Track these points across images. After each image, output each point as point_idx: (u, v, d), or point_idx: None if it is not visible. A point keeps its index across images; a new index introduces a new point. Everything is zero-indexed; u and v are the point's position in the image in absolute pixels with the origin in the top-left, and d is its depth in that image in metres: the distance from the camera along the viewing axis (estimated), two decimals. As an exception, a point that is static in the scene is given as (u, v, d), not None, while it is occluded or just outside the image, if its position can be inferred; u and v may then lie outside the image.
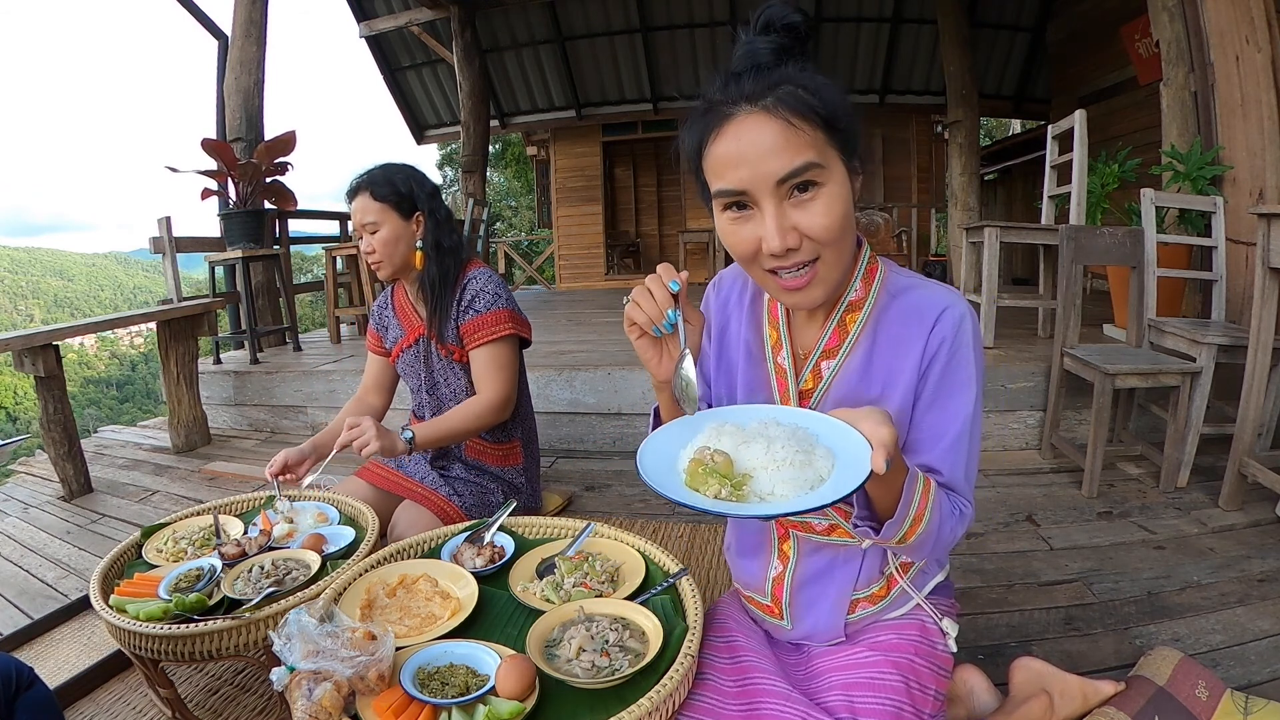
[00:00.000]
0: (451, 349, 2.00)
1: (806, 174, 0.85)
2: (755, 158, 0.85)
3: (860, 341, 1.02)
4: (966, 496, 1.00)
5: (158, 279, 46.97)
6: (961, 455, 0.98)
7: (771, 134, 0.84)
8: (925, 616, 1.13)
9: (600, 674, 1.01)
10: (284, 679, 0.96)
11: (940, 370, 0.97)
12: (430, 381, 2.07)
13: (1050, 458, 2.84)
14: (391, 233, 1.93)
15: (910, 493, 0.88)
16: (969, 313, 0.98)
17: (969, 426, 0.97)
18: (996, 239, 3.39)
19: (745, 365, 1.10)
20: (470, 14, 7.49)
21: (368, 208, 1.92)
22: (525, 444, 2.13)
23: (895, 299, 1.01)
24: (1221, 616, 1.69)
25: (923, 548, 0.94)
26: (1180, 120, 3.50)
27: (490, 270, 2.04)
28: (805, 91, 0.85)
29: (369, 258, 1.97)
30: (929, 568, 1.17)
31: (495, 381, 1.93)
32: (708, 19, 8.67)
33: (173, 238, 4.06)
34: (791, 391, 1.05)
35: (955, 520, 0.96)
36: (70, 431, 2.91)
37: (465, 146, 7.64)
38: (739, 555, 1.24)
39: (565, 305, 6.85)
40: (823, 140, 0.86)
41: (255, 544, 1.48)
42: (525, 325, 2.03)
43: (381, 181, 1.93)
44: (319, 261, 16.10)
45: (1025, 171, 7.31)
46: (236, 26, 5.00)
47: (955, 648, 1.12)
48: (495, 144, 15.75)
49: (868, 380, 1.01)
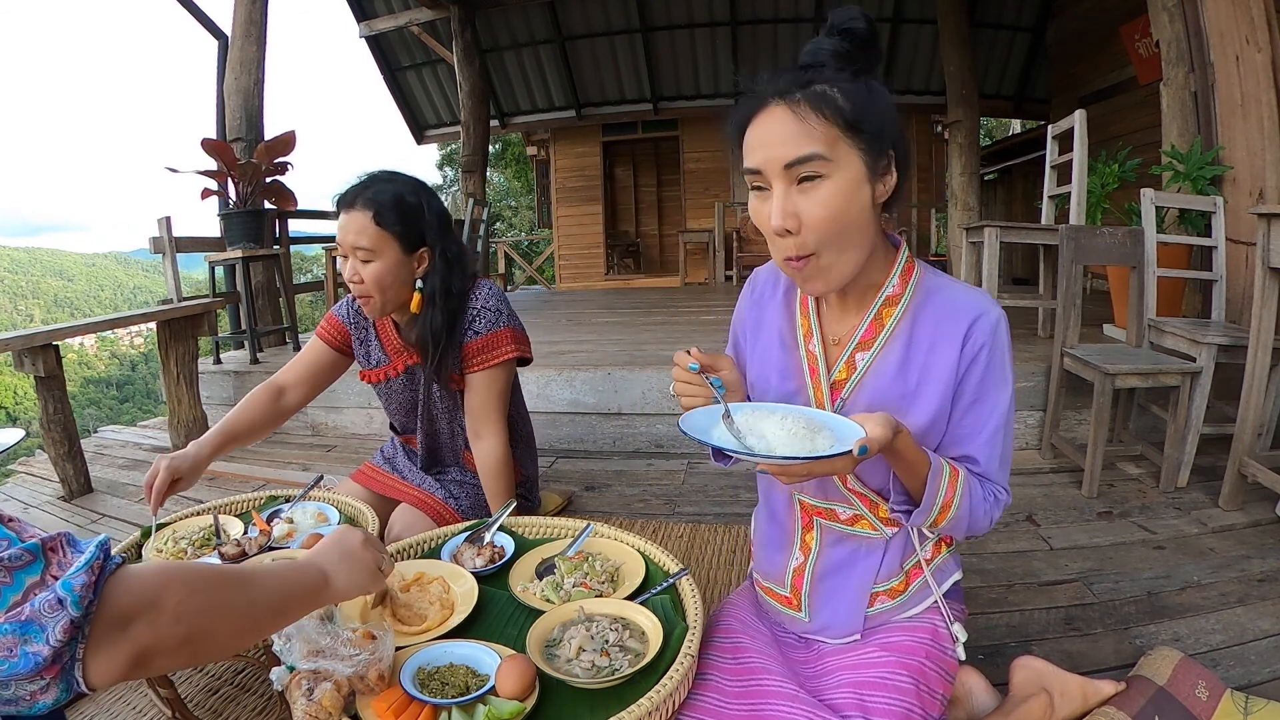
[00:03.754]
0: (451, 376, 1.81)
1: (810, 164, 0.92)
2: (771, 143, 0.94)
3: (897, 335, 1.06)
4: (1002, 483, 1.07)
5: (158, 279, 46.99)
6: (997, 447, 1.06)
7: (787, 124, 0.92)
8: (937, 620, 1.15)
9: (600, 674, 1.01)
10: (284, 678, 0.96)
11: (981, 373, 1.03)
12: (425, 408, 1.91)
13: (1050, 458, 2.84)
14: (387, 267, 1.64)
15: (936, 483, 0.98)
16: (1002, 316, 1.04)
17: (1005, 421, 1.05)
18: (996, 239, 3.39)
19: (779, 352, 1.16)
20: (470, 14, 7.50)
21: (364, 230, 1.61)
22: (522, 451, 2.05)
23: (931, 297, 1.07)
24: (1221, 616, 1.69)
25: (956, 529, 1.04)
26: (1180, 120, 3.50)
27: (489, 282, 1.85)
28: (835, 92, 0.92)
29: (354, 288, 1.66)
30: (948, 565, 1.19)
31: (494, 422, 1.79)
32: (708, 19, 8.69)
33: (173, 238, 4.06)
34: (823, 377, 1.09)
35: (990, 504, 1.04)
36: (70, 431, 2.91)
37: (465, 146, 7.64)
38: (762, 545, 1.27)
39: (565, 305, 6.85)
40: (836, 137, 0.92)
41: (255, 544, 1.48)
42: (526, 342, 1.87)
43: (389, 205, 1.62)
44: (319, 261, 16.12)
45: (1025, 171, 7.31)
46: (236, 26, 5.00)
47: (964, 655, 1.13)
48: (495, 144, 15.75)
49: (904, 374, 1.06)
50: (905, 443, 0.96)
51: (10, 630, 0.61)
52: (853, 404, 1.08)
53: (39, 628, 0.62)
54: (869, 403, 1.06)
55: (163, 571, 0.75)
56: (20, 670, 0.62)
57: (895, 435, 0.92)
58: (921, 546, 1.15)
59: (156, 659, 0.71)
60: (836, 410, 1.07)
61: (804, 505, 1.17)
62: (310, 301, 13.94)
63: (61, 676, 0.65)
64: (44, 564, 0.66)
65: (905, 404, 1.05)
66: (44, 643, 0.62)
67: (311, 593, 0.94)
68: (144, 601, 0.70)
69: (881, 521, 1.12)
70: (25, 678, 0.62)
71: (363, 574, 1.01)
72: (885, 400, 1.05)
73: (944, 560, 1.19)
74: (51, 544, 0.67)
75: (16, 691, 0.64)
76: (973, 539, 2.14)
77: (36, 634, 0.62)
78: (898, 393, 1.05)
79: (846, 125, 0.92)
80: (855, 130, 0.92)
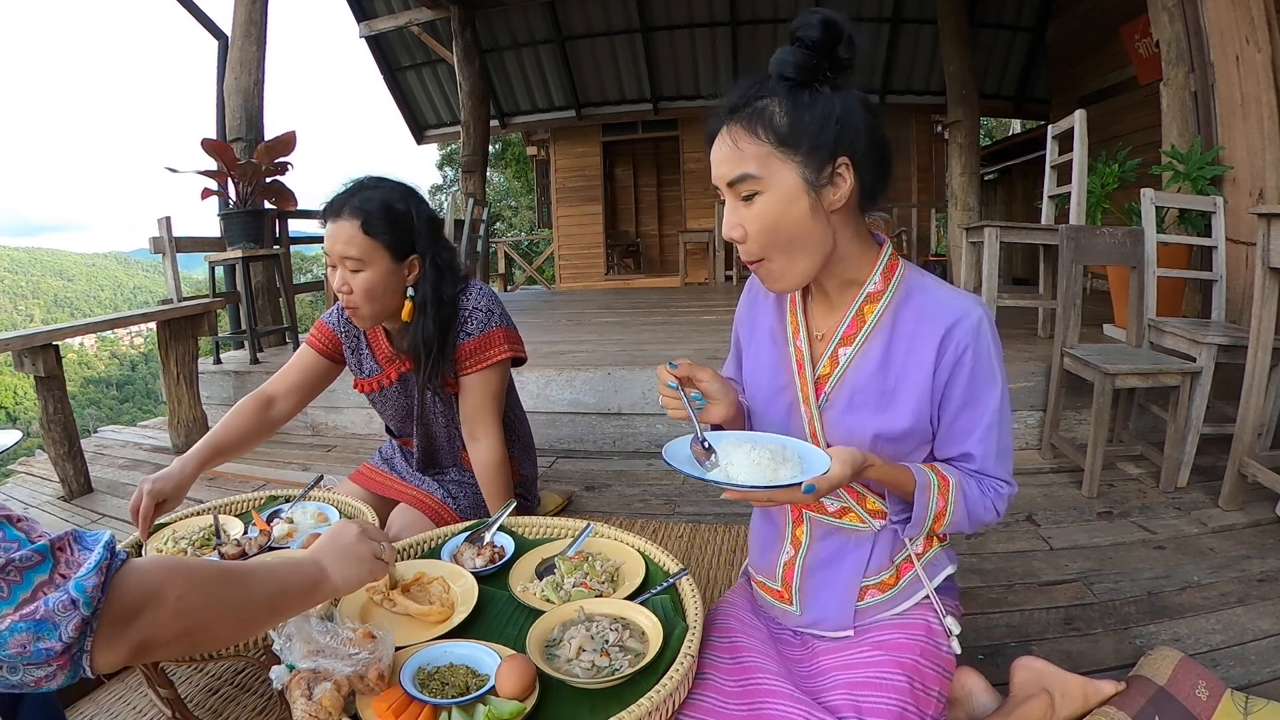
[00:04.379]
0: (445, 380, 1.79)
1: (745, 183, 0.99)
2: (716, 162, 1.03)
3: (878, 331, 1.09)
4: (1000, 476, 1.10)
5: (158, 279, 46.99)
6: (992, 443, 1.08)
7: (724, 148, 1.01)
8: (931, 616, 1.15)
9: (600, 674, 1.01)
10: (284, 678, 0.96)
11: (967, 375, 1.05)
12: (420, 414, 1.89)
13: (1050, 458, 2.84)
14: (378, 277, 1.61)
15: (925, 498, 1.04)
16: (985, 316, 1.06)
17: (997, 418, 1.07)
18: (996, 239, 3.39)
19: (770, 349, 1.19)
20: (470, 14, 7.50)
21: (353, 240, 1.58)
22: (520, 452, 2.04)
23: (913, 295, 1.08)
24: (1221, 616, 1.69)
25: (958, 529, 1.09)
26: (1180, 120, 3.50)
27: (479, 283, 1.82)
28: (776, 106, 0.97)
29: (343, 297, 1.63)
30: (939, 560, 1.19)
31: (489, 424, 1.78)
32: (707, 19, 8.69)
33: (173, 238, 4.05)
34: (809, 373, 1.12)
35: (992, 498, 1.08)
36: (70, 431, 2.91)
37: (465, 146, 7.65)
38: (756, 540, 1.30)
39: (565, 305, 6.85)
40: (768, 154, 0.98)
41: (255, 544, 1.48)
42: (519, 342, 1.85)
43: (378, 215, 1.59)
44: (318, 261, 16.13)
45: (1025, 171, 7.31)
46: (236, 26, 4.99)
47: (959, 649, 1.14)
48: (495, 144, 15.75)
49: (884, 370, 1.08)
50: (880, 473, 1.01)
51: (25, 628, 0.65)
52: (835, 398, 1.10)
53: (52, 625, 0.66)
54: (851, 397, 1.09)
55: (165, 567, 0.79)
56: (33, 661, 0.66)
57: (863, 470, 0.98)
58: (911, 541, 1.16)
59: (156, 649, 0.77)
60: (820, 405, 1.11)
61: None
62: (310, 301, 13.91)
63: (70, 665, 0.69)
64: (53, 563, 0.69)
65: (885, 400, 1.08)
66: (57, 639, 0.66)
67: (309, 588, 0.95)
68: (147, 596, 0.75)
69: (869, 514, 1.14)
70: (36, 666, 0.67)
71: (360, 566, 1.02)
72: (866, 395, 1.08)
73: (935, 554, 1.19)
74: (60, 543, 0.71)
75: (24, 677, 0.68)
76: (976, 537, 2.14)
77: (50, 631, 0.66)
78: (878, 389, 1.08)
79: (779, 142, 0.97)
80: (788, 146, 0.97)
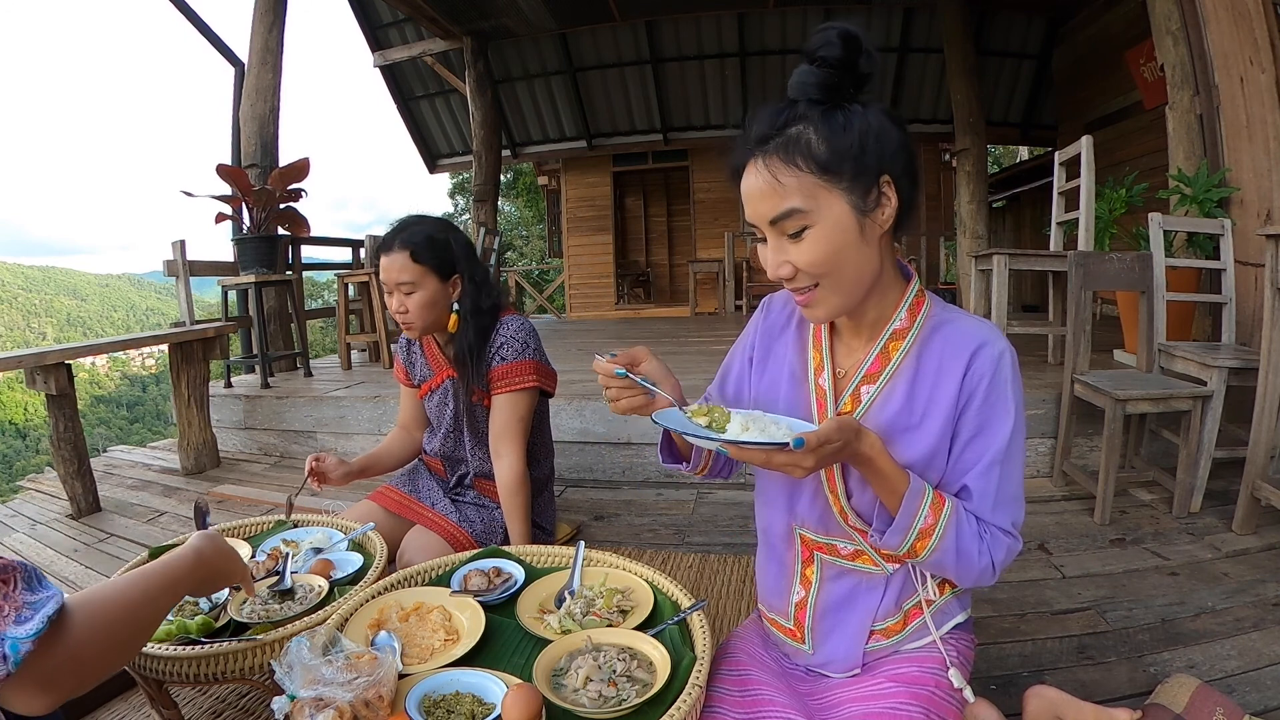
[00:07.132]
0: (479, 392, 1.99)
1: (789, 220, 0.93)
2: (754, 200, 0.96)
3: (903, 369, 1.05)
4: (1000, 524, 1.01)
5: (170, 301, 47.40)
6: (992, 482, 1.00)
7: (761, 183, 0.94)
8: (948, 649, 1.12)
9: (607, 704, 1.00)
10: (285, 708, 0.96)
11: (979, 405, 1.01)
12: (456, 423, 2.07)
13: (1062, 485, 2.81)
14: (429, 296, 1.87)
15: (914, 503, 0.96)
16: (1008, 349, 1.02)
17: (1002, 455, 1.00)
18: (1005, 266, 3.38)
19: (788, 385, 1.14)
20: (483, 45, 7.62)
21: (405, 268, 1.84)
22: (541, 485, 2.15)
23: (937, 330, 1.05)
24: (1237, 642, 1.66)
25: (944, 563, 0.99)
26: (1186, 143, 3.51)
27: (523, 319, 2.04)
28: (810, 132, 0.91)
29: (399, 317, 1.90)
30: (950, 608, 1.15)
31: (514, 443, 1.93)
32: (717, 50, 8.80)
33: (186, 261, 4.10)
34: (830, 413, 1.07)
35: (989, 542, 1.00)
36: (80, 450, 2.93)
37: (477, 176, 7.72)
38: (762, 579, 1.25)
39: (575, 334, 6.87)
40: (814, 184, 0.92)
41: (263, 568, 1.48)
42: (550, 377, 2.06)
43: (423, 244, 1.85)
44: (330, 288, 16.23)
45: (1033, 198, 7.34)
46: (253, 54, 5.09)
47: (972, 697, 1.08)
48: (507, 173, 15.92)
49: (910, 408, 1.03)
50: (875, 449, 0.95)
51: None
52: None
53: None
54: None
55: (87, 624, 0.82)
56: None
57: (858, 435, 0.92)
58: (923, 587, 1.11)
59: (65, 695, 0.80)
60: None
61: (805, 539, 1.15)
62: (321, 327, 14.01)
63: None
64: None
65: (909, 437, 1.03)
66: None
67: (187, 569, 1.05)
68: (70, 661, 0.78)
69: (883, 557, 1.09)
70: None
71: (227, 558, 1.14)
72: (889, 435, 1.03)
73: (946, 602, 1.14)
74: (5, 575, 0.73)
75: None
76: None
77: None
78: (902, 426, 1.03)
79: (822, 170, 0.91)
80: (832, 173, 0.91)
